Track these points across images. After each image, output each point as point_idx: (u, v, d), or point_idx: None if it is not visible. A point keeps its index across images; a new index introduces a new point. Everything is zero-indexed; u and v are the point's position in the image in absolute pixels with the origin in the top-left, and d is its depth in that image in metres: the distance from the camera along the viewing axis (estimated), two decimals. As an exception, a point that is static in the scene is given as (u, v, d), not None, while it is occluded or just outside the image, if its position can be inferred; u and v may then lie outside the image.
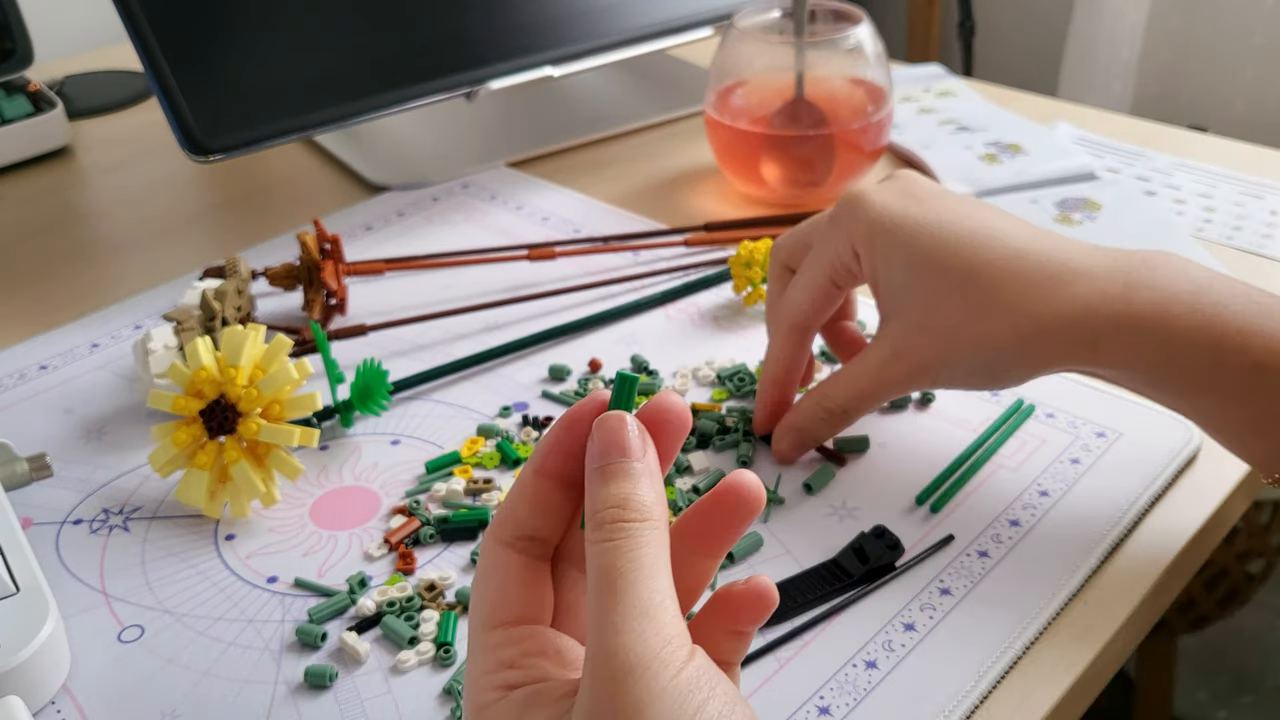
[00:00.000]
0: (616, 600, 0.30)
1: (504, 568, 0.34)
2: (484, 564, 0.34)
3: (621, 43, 0.82)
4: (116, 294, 0.70)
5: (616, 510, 0.31)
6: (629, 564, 0.30)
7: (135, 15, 0.68)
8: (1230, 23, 1.53)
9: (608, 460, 0.32)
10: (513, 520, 0.34)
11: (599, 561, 0.30)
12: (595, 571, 0.30)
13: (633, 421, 0.33)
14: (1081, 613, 0.46)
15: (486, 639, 0.33)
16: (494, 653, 0.33)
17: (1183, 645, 1.33)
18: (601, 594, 0.30)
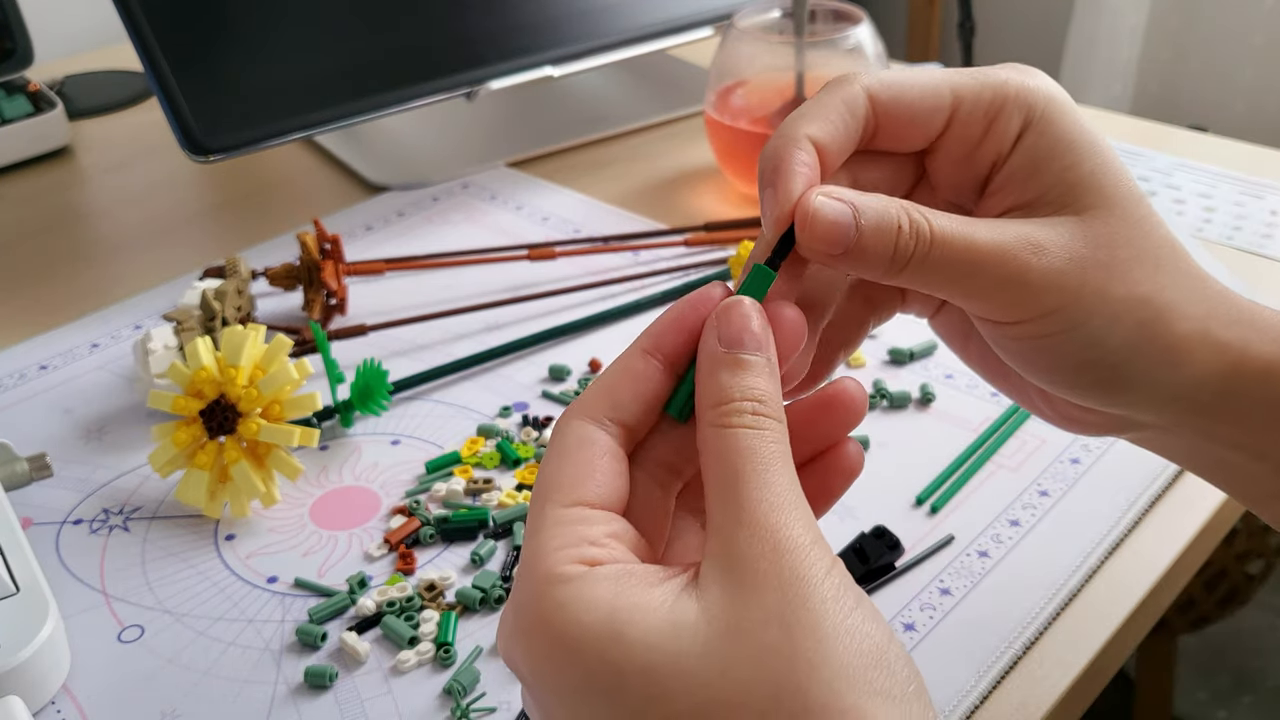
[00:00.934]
0: (768, 481, 0.28)
1: (590, 446, 0.31)
2: (565, 440, 0.31)
3: (621, 43, 0.82)
4: (116, 294, 0.70)
5: (757, 404, 0.30)
6: (774, 451, 0.29)
7: (135, 15, 0.68)
8: (1230, 23, 1.53)
9: (745, 347, 0.30)
10: (609, 400, 0.31)
11: (740, 444, 0.29)
12: (735, 452, 0.29)
13: (761, 314, 0.31)
14: (1081, 613, 0.46)
15: (563, 514, 0.30)
16: (573, 528, 0.29)
17: (1183, 645, 1.33)
18: (747, 472, 0.28)
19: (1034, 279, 0.33)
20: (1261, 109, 1.54)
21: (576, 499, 0.30)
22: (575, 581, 0.28)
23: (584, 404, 0.31)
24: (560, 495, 0.30)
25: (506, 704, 0.43)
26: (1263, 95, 1.53)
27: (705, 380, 0.31)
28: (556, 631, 0.28)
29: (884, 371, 0.60)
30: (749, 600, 0.27)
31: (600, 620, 0.27)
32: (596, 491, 0.30)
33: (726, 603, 0.27)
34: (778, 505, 0.28)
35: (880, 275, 0.33)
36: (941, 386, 0.58)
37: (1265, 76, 1.52)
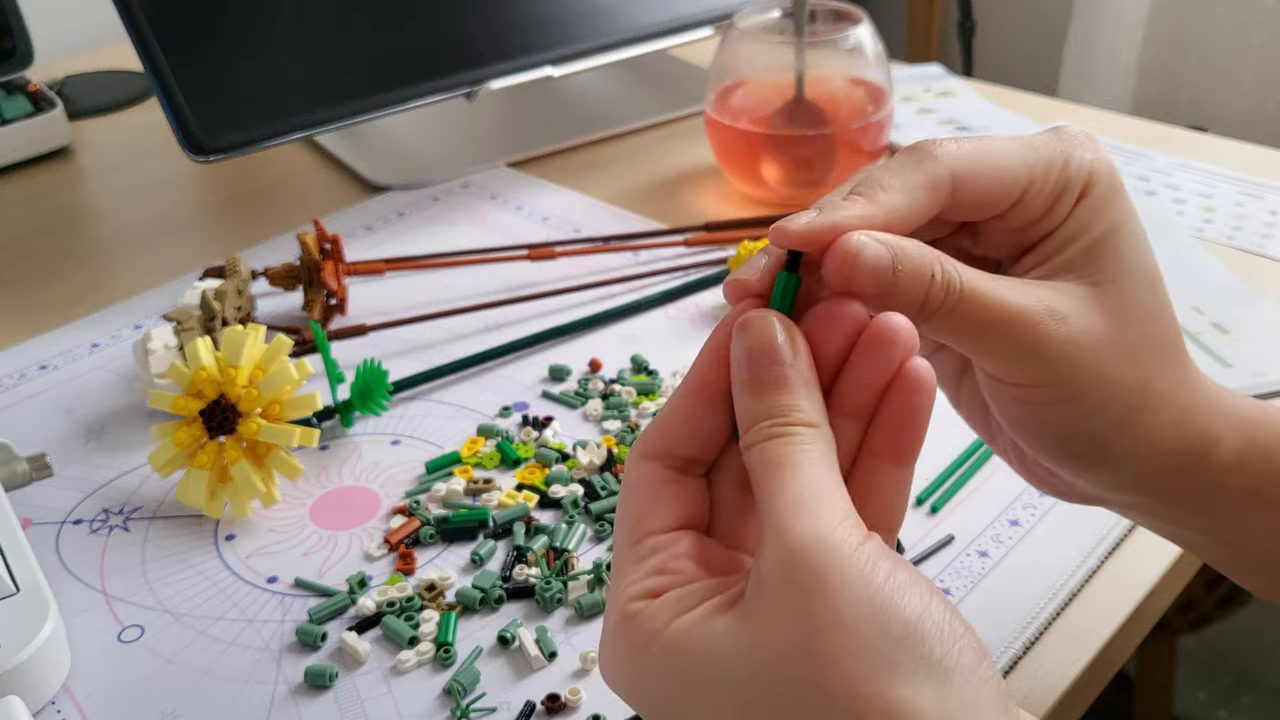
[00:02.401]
0: (785, 482, 0.29)
1: (648, 481, 0.33)
2: (626, 481, 0.33)
3: (621, 43, 0.82)
4: (116, 294, 0.70)
5: (778, 421, 0.30)
6: (796, 453, 0.30)
7: (135, 15, 0.68)
8: (1230, 23, 1.53)
9: (761, 366, 0.31)
10: (661, 436, 0.33)
11: (763, 455, 0.30)
12: (760, 465, 0.30)
13: (781, 321, 0.31)
14: (1081, 613, 0.46)
15: (630, 554, 0.32)
16: (638, 564, 0.32)
17: (1183, 645, 1.33)
18: (768, 480, 0.29)
19: (1051, 348, 0.34)
20: (1261, 109, 1.54)
21: (642, 533, 0.32)
22: (637, 619, 0.31)
23: (640, 443, 0.33)
24: (625, 534, 0.32)
25: (506, 704, 0.43)
26: (1263, 95, 1.53)
27: (736, 409, 0.31)
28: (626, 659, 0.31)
29: (884, 371, 0.60)
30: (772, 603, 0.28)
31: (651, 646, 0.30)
32: (661, 520, 0.32)
33: (757, 610, 0.28)
34: (793, 502, 0.29)
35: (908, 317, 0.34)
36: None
37: (1265, 76, 1.52)
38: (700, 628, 0.29)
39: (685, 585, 0.31)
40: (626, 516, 0.33)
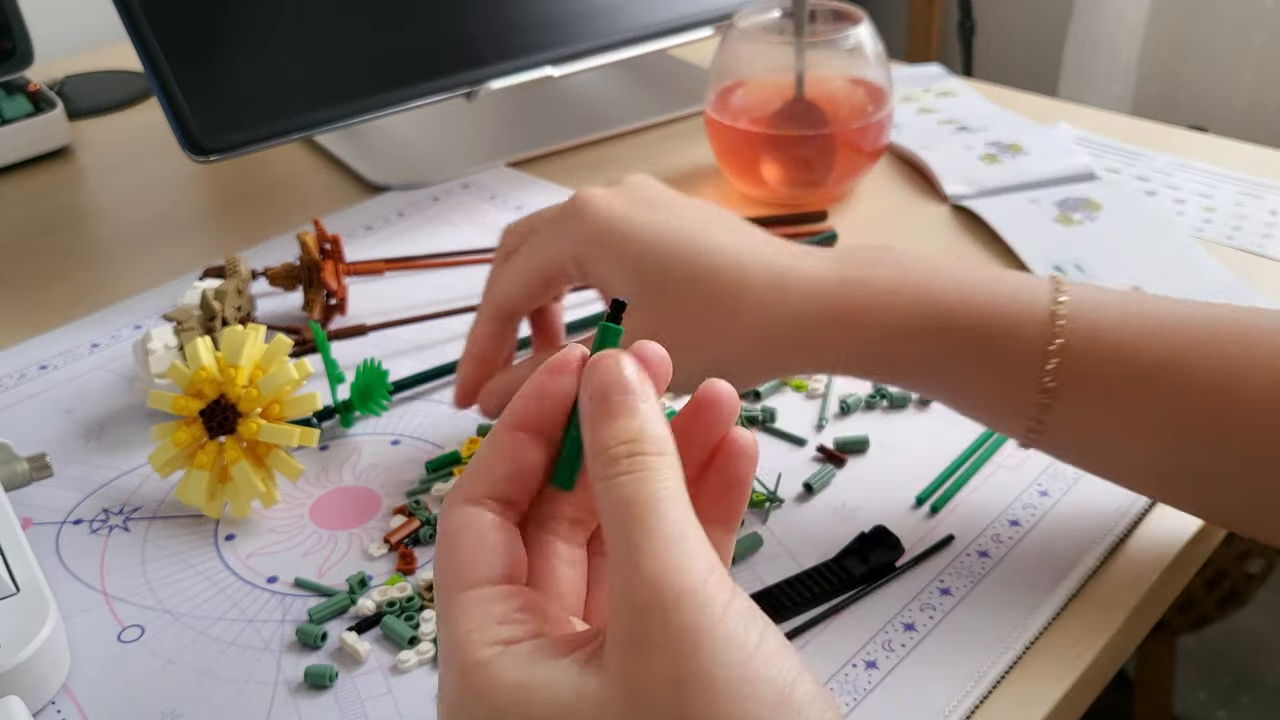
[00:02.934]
0: (650, 527, 0.28)
1: (477, 527, 0.31)
2: (451, 524, 0.32)
3: (621, 43, 0.82)
4: (116, 294, 0.70)
5: (631, 444, 0.30)
6: (656, 491, 0.29)
7: (135, 15, 0.68)
8: (1230, 23, 1.53)
9: (612, 396, 0.30)
10: (485, 479, 0.32)
11: (620, 494, 0.29)
12: (617, 504, 0.29)
13: (631, 360, 0.31)
14: (1081, 613, 0.46)
15: (466, 599, 0.30)
16: (480, 609, 0.30)
17: (1183, 645, 1.33)
18: (630, 524, 0.28)
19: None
20: (1261, 109, 1.54)
21: (476, 580, 0.31)
22: (489, 666, 0.29)
23: (460, 488, 0.32)
24: (458, 581, 0.31)
25: (506, 704, 0.43)
26: (1263, 95, 1.53)
27: (586, 440, 0.31)
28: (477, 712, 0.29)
29: (884, 371, 0.60)
30: (642, 662, 0.27)
31: (513, 699, 0.28)
32: (493, 569, 0.31)
33: (623, 667, 0.27)
34: (662, 550, 0.28)
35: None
36: (941, 386, 0.58)
37: (1265, 76, 1.52)
38: (562, 682, 0.28)
39: (534, 639, 0.30)
40: (451, 563, 0.31)
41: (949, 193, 0.77)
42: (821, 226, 0.74)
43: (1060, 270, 0.68)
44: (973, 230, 0.73)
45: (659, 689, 0.26)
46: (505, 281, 0.52)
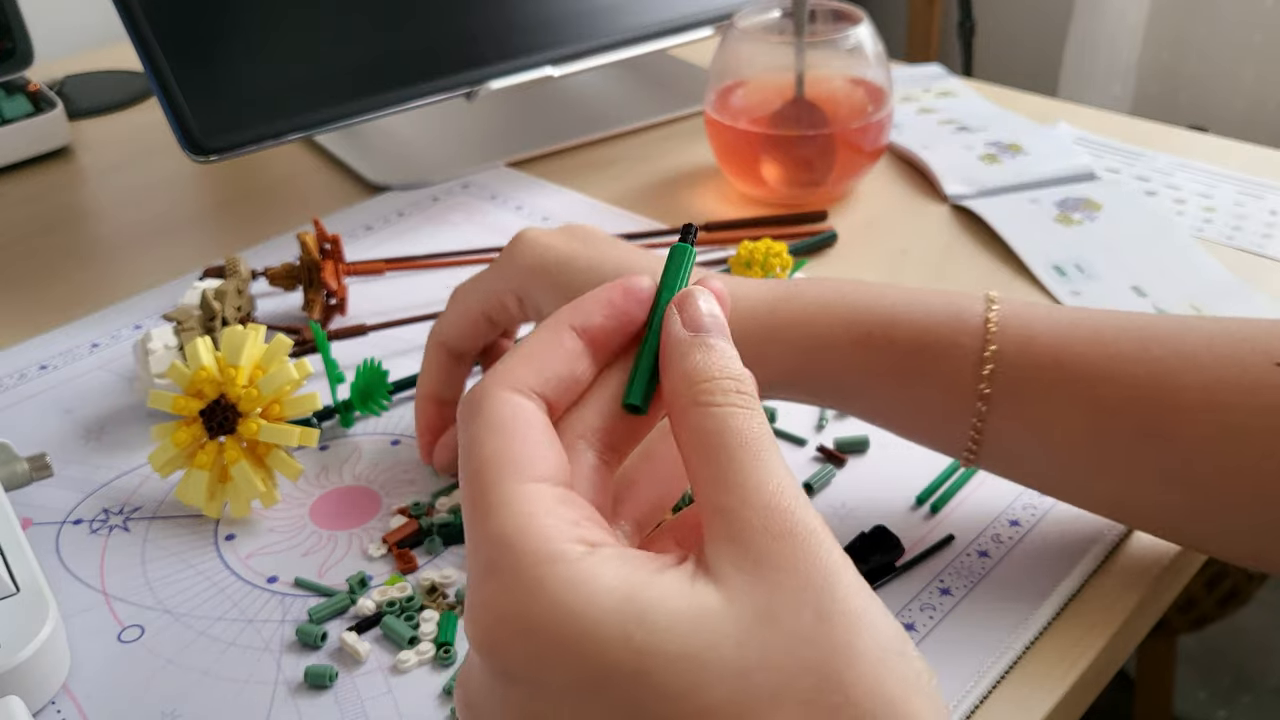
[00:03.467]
0: (771, 461, 0.27)
1: (537, 421, 0.29)
2: (500, 413, 0.29)
3: (621, 43, 0.82)
4: (116, 294, 0.70)
5: (738, 382, 0.29)
6: (766, 433, 0.28)
7: (135, 15, 0.68)
8: (1230, 23, 1.53)
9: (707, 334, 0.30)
10: (537, 372, 0.30)
11: (735, 423, 0.28)
12: (732, 431, 0.28)
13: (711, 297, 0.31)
14: (1081, 613, 0.46)
15: (537, 490, 0.27)
16: (555, 505, 0.27)
17: (1183, 645, 1.33)
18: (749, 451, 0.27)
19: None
20: (1261, 109, 1.54)
21: (541, 475, 0.28)
22: (583, 561, 0.26)
23: (510, 375, 0.30)
24: (522, 472, 0.28)
25: (506, 704, 0.43)
26: (1263, 95, 1.53)
27: (678, 362, 0.30)
28: (567, 615, 0.25)
29: (884, 371, 0.60)
30: (776, 586, 0.26)
31: (619, 604, 0.25)
32: (555, 471, 0.28)
33: (752, 589, 0.26)
34: (783, 489, 0.27)
35: None
36: (941, 386, 0.58)
37: (1265, 76, 1.52)
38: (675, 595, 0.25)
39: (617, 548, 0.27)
40: (509, 452, 0.28)
41: (949, 193, 0.77)
42: (821, 226, 0.74)
43: (1060, 270, 0.68)
44: (973, 230, 0.73)
45: (800, 618, 0.25)
46: (447, 320, 0.52)
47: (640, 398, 0.31)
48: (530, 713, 0.26)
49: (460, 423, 0.30)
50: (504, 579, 0.26)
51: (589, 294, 0.31)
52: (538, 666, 0.26)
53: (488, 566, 0.26)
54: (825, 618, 0.25)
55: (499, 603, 0.26)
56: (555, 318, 0.31)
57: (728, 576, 0.26)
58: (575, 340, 0.31)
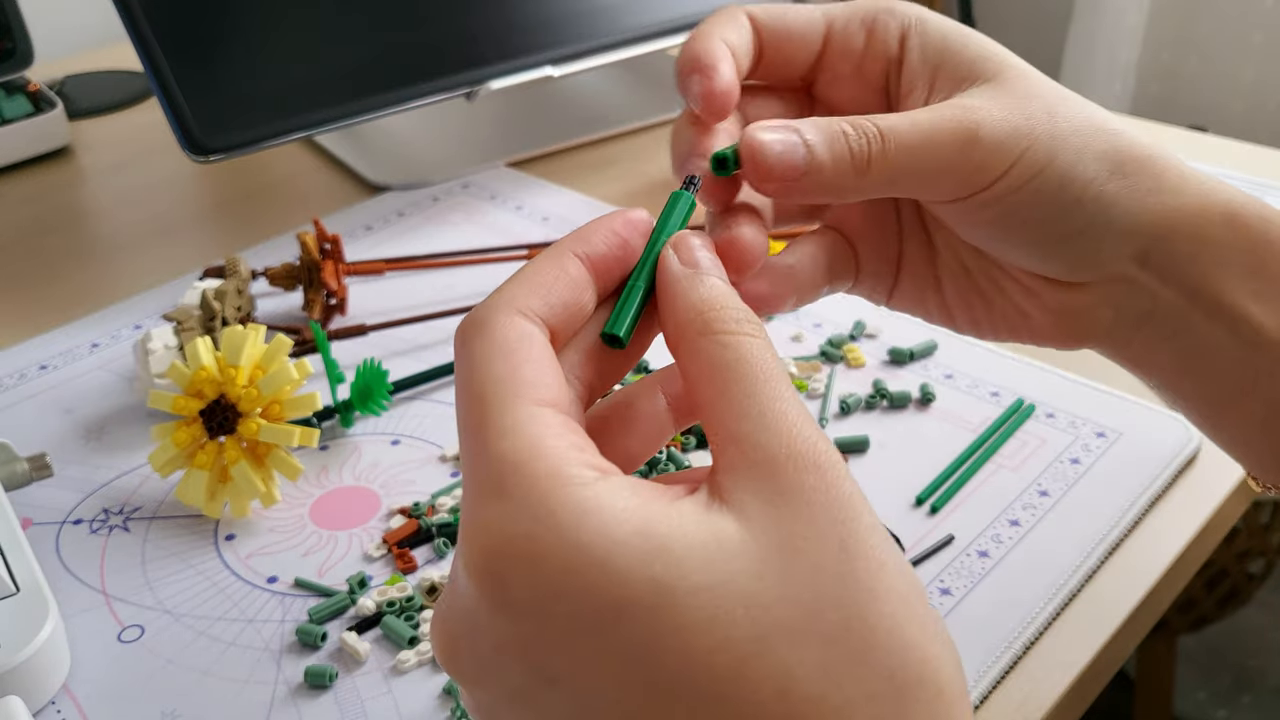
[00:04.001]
0: (783, 391, 0.26)
1: (542, 346, 0.27)
2: (507, 334, 0.27)
3: (621, 43, 0.82)
4: (116, 294, 0.70)
5: (745, 313, 0.28)
6: (778, 364, 0.27)
7: (135, 15, 0.68)
8: (1230, 23, 1.53)
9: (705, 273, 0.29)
10: (542, 297, 0.28)
11: (747, 352, 0.27)
12: (742, 361, 0.27)
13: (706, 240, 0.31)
14: (1081, 613, 0.46)
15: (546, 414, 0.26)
16: (563, 431, 0.26)
17: (1183, 645, 1.33)
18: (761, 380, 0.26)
19: (984, 135, 0.34)
20: (1261, 109, 1.54)
21: (550, 400, 0.26)
22: (596, 486, 0.24)
23: (515, 298, 0.28)
24: (529, 393, 0.26)
25: (506, 704, 0.43)
26: (1263, 95, 1.53)
27: (686, 294, 0.29)
28: (582, 542, 0.23)
29: (884, 371, 0.60)
30: (798, 516, 0.24)
31: (635, 534, 0.24)
32: (562, 398, 0.27)
33: (774, 519, 0.24)
34: (805, 420, 0.26)
35: (849, 187, 0.33)
36: (941, 386, 0.58)
37: (1265, 76, 1.52)
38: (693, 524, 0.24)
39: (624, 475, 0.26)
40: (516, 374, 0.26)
41: (949, 193, 0.77)
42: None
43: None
44: (973, 230, 0.73)
45: (825, 552, 0.24)
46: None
47: (624, 329, 0.30)
48: (527, 647, 0.24)
49: (460, 345, 0.28)
50: (513, 501, 0.24)
51: (591, 222, 0.30)
52: (544, 596, 0.24)
53: (494, 488, 0.25)
54: (850, 554, 0.24)
55: (506, 526, 0.24)
56: (558, 245, 0.30)
57: (745, 505, 0.25)
58: (580, 268, 0.29)
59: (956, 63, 0.36)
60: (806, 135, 0.33)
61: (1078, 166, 0.35)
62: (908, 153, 0.33)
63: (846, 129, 0.33)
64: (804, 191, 0.33)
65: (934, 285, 0.40)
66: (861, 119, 0.33)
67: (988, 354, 0.61)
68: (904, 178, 0.34)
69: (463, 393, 0.27)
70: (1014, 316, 0.39)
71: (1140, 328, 0.37)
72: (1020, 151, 0.34)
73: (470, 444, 0.26)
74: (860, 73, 0.37)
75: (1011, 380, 0.59)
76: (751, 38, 0.36)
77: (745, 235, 0.33)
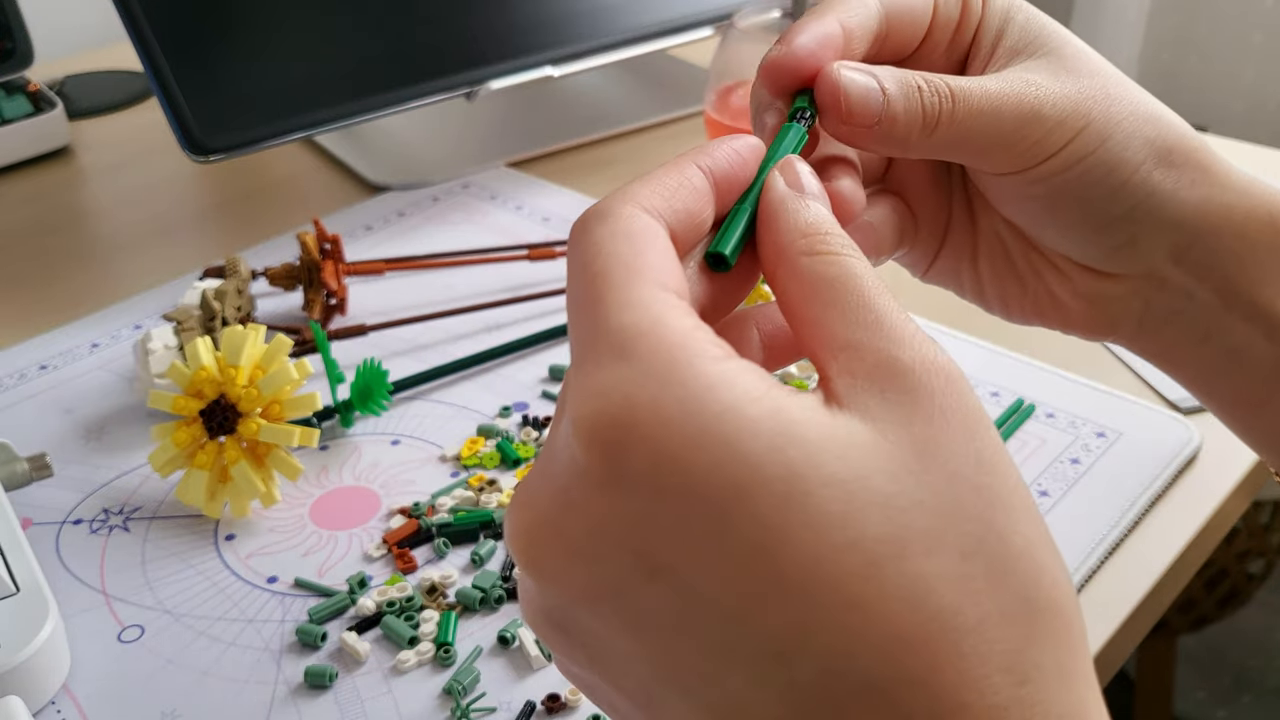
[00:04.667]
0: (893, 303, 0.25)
1: (658, 234, 0.26)
2: (631, 224, 0.25)
3: (621, 43, 0.82)
4: (116, 294, 0.70)
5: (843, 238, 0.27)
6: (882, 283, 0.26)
7: (135, 15, 0.68)
8: (1230, 23, 1.53)
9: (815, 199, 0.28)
10: (666, 200, 0.27)
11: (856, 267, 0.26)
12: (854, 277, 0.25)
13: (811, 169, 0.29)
14: (1082, 612, 0.46)
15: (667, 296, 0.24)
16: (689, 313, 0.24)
17: (1183, 645, 1.33)
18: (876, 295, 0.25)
19: (1047, 112, 0.34)
20: (1261, 109, 1.54)
21: (670, 286, 0.25)
22: (725, 362, 0.23)
23: (639, 195, 0.26)
24: (654, 276, 0.24)
25: (506, 704, 0.43)
26: (1263, 95, 1.53)
27: (789, 216, 0.27)
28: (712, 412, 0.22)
29: (884, 371, 0.60)
30: (930, 422, 0.23)
31: (767, 414, 0.22)
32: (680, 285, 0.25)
33: (902, 421, 0.23)
34: (921, 331, 0.25)
35: (913, 142, 0.33)
36: (941, 386, 0.58)
37: (1265, 76, 1.52)
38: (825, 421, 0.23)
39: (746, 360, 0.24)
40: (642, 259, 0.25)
41: (949, 193, 0.77)
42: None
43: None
44: (973, 230, 0.73)
45: (964, 460, 0.23)
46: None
47: (730, 247, 0.28)
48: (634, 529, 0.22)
49: (578, 232, 0.26)
50: (640, 365, 0.22)
51: (714, 140, 0.29)
52: (664, 470, 0.22)
53: (618, 351, 0.23)
54: (988, 468, 0.23)
55: (629, 390, 0.22)
56: (681, 156, 0.28)
57: (870, 408, 0.23)
58: (702, 179, 0.28)
59: (1018, 33, 0.36)
60: (885, 83, 0.32)
61: (1127, 151, 0.34)
62: (974, 118, 0.33)
63: (921, 84, 0.33)
64: (874, 139, 0.32)
65: (970, 260, 0.40)
66: (935, 77, 0.33)
67: (988, 354, 0.61)
68: (966, 142, 0.33)
69: (580, 273, 0.25)
70: (1044, 300, 0.39)
71: (1170, 324, 0.37)
72: (1076, 131, 0.34)
73: (585, 318, 0.24)
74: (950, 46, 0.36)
75: (1011, 380, 0.59)
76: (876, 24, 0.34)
77: (845, 188, 0.32)
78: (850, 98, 0.32)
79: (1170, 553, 0.49)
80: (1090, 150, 0.34)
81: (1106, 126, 0.34)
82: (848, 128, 0.32)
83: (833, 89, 0.32)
